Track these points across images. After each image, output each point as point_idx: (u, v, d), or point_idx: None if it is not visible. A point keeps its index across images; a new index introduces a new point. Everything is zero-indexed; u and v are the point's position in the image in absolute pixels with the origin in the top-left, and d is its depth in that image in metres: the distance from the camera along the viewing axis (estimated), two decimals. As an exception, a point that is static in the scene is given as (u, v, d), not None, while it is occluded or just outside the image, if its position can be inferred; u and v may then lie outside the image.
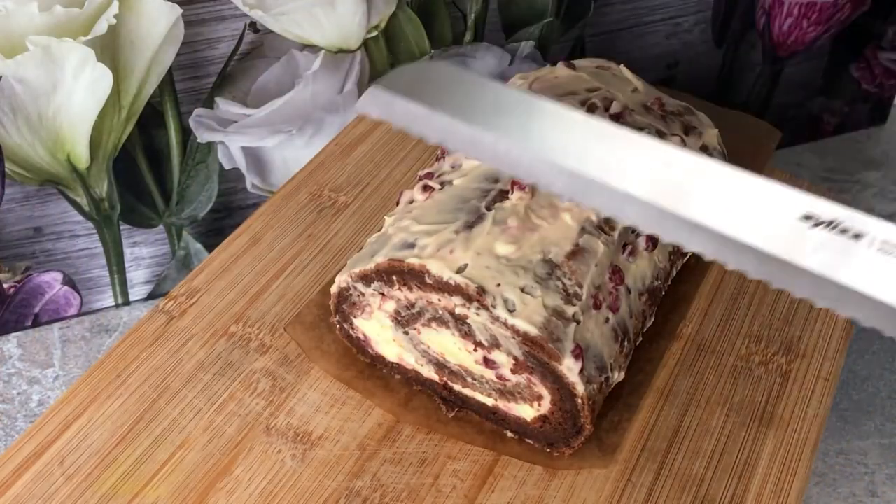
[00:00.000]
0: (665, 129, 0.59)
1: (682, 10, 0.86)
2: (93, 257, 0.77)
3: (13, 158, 0.70)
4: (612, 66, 0.65)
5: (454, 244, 0.51)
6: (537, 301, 0.50)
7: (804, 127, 0.98)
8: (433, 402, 0.56)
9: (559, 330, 0.49)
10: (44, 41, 0.65)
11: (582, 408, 0.50)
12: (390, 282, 0.53)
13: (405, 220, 0.54)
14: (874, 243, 0.36)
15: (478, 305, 0.50)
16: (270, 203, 0.68)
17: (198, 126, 0.75)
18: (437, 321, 0.52)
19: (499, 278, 0.50)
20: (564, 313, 0.50)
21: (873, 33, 0.94)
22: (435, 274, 0.51)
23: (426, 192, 0.56)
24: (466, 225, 0.52)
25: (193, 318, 0.60)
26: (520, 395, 0.52)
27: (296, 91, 0.76)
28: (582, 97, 0.60)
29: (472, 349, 0.52)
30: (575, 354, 0.49)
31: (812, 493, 0.67)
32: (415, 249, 0.52)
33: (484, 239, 0.51)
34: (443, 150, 0.60)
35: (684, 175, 0.41)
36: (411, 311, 0.53)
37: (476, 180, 0.55)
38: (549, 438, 0.53)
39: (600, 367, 0.51)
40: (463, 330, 0.52)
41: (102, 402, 0.55)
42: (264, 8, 0.71)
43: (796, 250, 0.37)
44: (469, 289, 0.50)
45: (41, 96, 0.68)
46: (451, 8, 0.78)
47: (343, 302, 0.56)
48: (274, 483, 0.51)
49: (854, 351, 0.77)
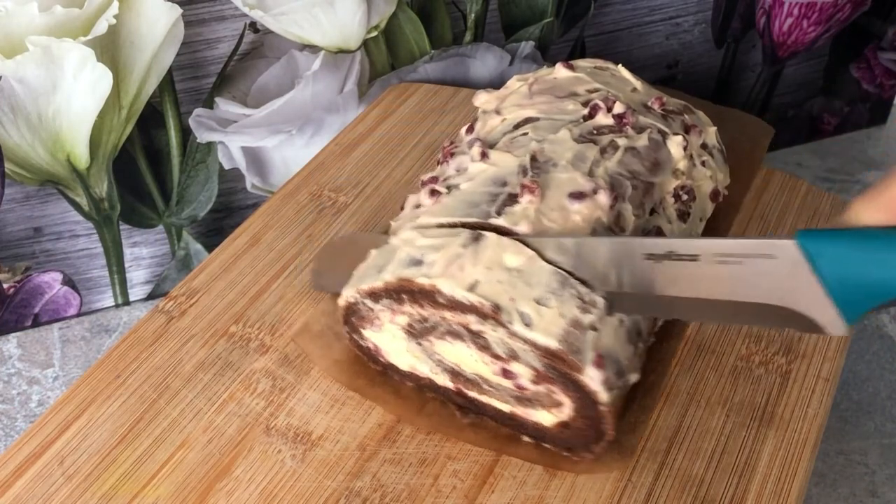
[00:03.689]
0: (667, 129, 0.59)
1: (682, 10, 0.86)
2: (93, 257, 0.77)
3: (13, 158, 0.70)
4: (611, 66, 0.64)
5: (463, 259, 0.50)
6: (553, 312, 0.48)
7: (804, 127, 0.98)
8: (447, 408, 0.55)
9: (578, 340, 0.48)
10: (44, 41, 0.65)
11: (605, 415, 0.49)
12: (400, 300, 0.51)
13: (409, 232, 0.53)
14: (709, 259, 0.46)
15: (494, 322, 0.49)
16: (270, 203, 0.68)
17: (198, 126, 0.75)
18: (452, 334, 0.51)
19: (512, 292, 0.49)
20: (582, 322, 0.48)
21: (873, 33, 0.94)
22: (446, 293, 0.49)
23: (433, 196, 0.55)
24: (473, 238, 0.51)
25: (193, 318, 0.60)
26: (538, 402, 0.51)
27: (296, 91, 0.76)
28: (583, 98, 0.60)
29: (489, 361, 0.51)
30: (596, 364, 0.48)
31: (812, 493, 0.67)
32: (423, 267, 0.50)
33: (493, 251, 0.50)
34: (445, 153, 0.59)
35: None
36: (424, 324, 0.52)
37: (484, 184, 0.54)
38: (569, 443, 0.52)
39: (619, 372, 0.50)
40: (479, 343, 0.51)
41: (102, 403, 0.55)
42: (264, 8, 0.71)
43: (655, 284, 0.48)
44: (483, 307, 0.48)
45: (41, 96, 0.68)
46: (451, 8, 0.78)
47: (352, 315, 0.54)
48: (274, 483, 0.51)
49: (854, 351, 0.77)
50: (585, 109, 0.59)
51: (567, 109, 0.59)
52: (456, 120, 0.75)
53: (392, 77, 0.80)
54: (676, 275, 0.47)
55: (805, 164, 0.96)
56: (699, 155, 0.60)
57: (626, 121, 0.58)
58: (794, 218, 0.67)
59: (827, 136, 1.00)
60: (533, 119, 0.59)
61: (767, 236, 0.45)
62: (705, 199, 0.60)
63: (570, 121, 0.58)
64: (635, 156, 0.56)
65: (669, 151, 0.58)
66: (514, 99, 0.61)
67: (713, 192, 0.61)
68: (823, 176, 0.95)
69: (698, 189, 0.59)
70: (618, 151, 0.56)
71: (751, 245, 0.45)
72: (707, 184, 0.60)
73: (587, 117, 0.58)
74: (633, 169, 0.56)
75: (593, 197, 0.53)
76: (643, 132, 0.58)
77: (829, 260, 0.42)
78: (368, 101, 0.79)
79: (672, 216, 0.57)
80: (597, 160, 0.55)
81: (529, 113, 0.59)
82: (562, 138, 0.56)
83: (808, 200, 0.69)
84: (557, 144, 0.56)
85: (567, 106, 0.59)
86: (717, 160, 0.62)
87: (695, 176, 0.59)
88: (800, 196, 0.69)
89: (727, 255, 0.45)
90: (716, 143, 0.62)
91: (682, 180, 0.58)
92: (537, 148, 0.55)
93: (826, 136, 1.00)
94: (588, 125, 0.57)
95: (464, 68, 0.81)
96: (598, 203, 0.53)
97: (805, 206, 0.69)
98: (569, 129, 0.57)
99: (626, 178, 0.55)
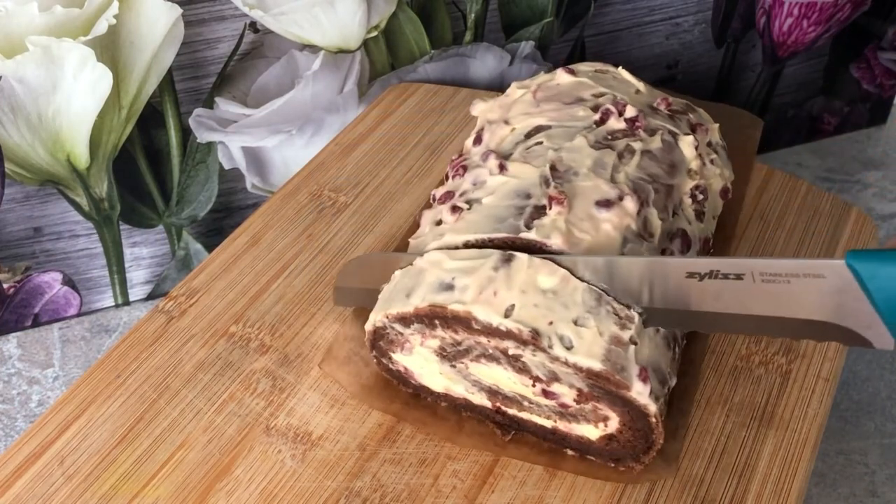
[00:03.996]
0: (676, 130, 0.58)
1: (682, 10, 0.85)
2: (93, 257, 0.77)
3: (13, 158, 0.70)
4: (611, 69, 0.64)
5: (496, 283, 0.49)
6: (593, 332, 0.48)
7: (804, 127, 0.98)
8: (487, 426, 0.54)
9: (622, 358, 0.47)
10: (44, 41, 0.65)
11: (655, 425, 0.49)
12: (432, 325, 0.50)
13: (436, 254, 0.51)
14: (755, 277, 0.47)
15: (533, 347, 0.48)
16: (270, 203, 0.68)
17: (198, 126, 0.75)
18: (488, 357, 0.50)
19: (549, 315, 0.48)
20: (622, 339, 0.48)
21: (873, 33, 0.94)
22: (482, 321, 0.48)
23: (455, 212, 0.53)
24: (504, 259, 0.50)
25: (193, 318, 0.60)
26: (583, 418, 0.51)
27: (296, 91, 0.76)
28: (591, 103, 0.59)
29: (529, 384, 0.50)
30: (642, 378, 0.47)
31: (812, 493, 0.67)
32: (455, 292, 0.49)
33: (526, 273, 0.49)
34: (455, 167, 0.58)
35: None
36: (458, 348, 0.51)
37: (507, 197, 0.53)
38: (616, 455, 0.52)
39: (662, 381, 0.49)
40: (517, 366, 0.50)
41: (102, 403, 0.55)
42: (264, 8, 0.71)
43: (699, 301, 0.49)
44: (522, 334, 0.48)
45: (41, 96, 0.68)
46: (451, 8, 0.78)
47: (379, 339, 0.53)
48: (274, 483, 0.51)
49: (854, 351, 0.77)
50: (596, 115, 0.58)
51: (577, 116, 0.58)
52: (456, 120, 0.75)
53: (392, 77, 0.80)
54: (720, 291, 0.48)
55: (805, 164, 0.96)
56: (707, 154, 0.60)
57: (638, 124, 0.57)
58: (795, 218, 0.67)
59: (827, 136, 1.00)
60: (545, 127, 0.58)
61: (815, 257, 0.48)
62: (716, 197, 0.60)
63: (583, 127, 0.57)
64: (652, 159, 0.56)
65: (682, 152, 0.58)
66: (521, 107, 0.60)
67: (723, 189, 0.60)
68: (823, 176, 0.95)
69: (710, 188, 0.59)
70: (635, 155, 0.55)
71: (799, 265, 0.46)
72: (717, 181, 0.60)
73: (599, 122, 0.57)
74: (652, 172, 0.55)
75: (620, 204, 0.52)
76: (655, 134, 0.57)
77: (880, 280, 0.44)
78: (368, 101, 0.79)
79: (691, 217, 0.57)
80: (616, 166, 0.54)
81: (540, 121, 0.58)
82: (578, 145, 0.55)
83: (808, 200, 0.69)
84: (575, 152, 0.55)
85: (577, 112, 0.58)
86: (722, 157, 0.61)
87: (706, 174, 0.59)
88: (800, 196, 0.69)
89: (774, 275, 0.46)
90: (719, 139, 0.62)
91: (697, 180, 0.58)
92: (555, 157, 0.54)
93: (826, 136, 1.00)
94: (601, 130, 0.57)
95: (464, 68, 0.81)
96: (626, 209, 0.52)
97: (805, 206, 0.69)
98: (584, 136, 0.56)
99: (647, 182, 0.54)
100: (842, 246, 0.66)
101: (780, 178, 0.71)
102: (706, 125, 0.61)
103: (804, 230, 0.67)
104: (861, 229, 0.67)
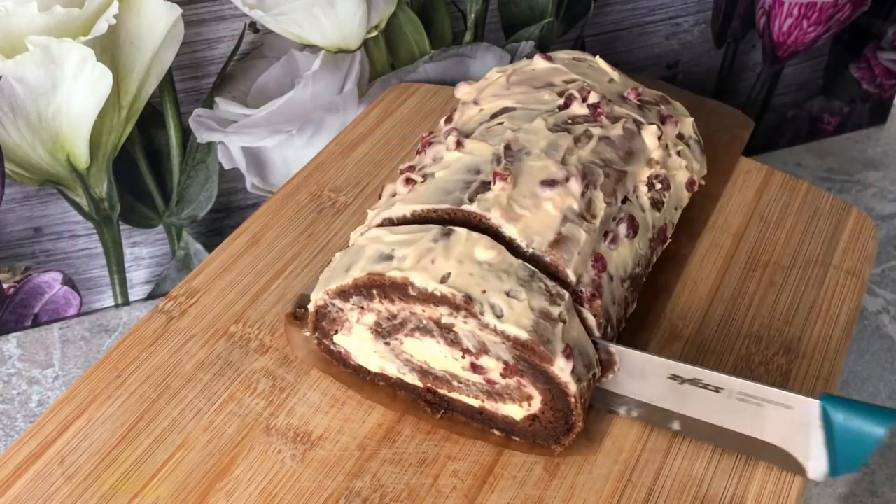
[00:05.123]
0: (642, 119, 0.60)
1: (682, 10, 0.86)
2: (93, 257, 0.77)
3: (13, 158, 0.70)
4: (588, 58, 0.66)
5: (434, 253, 0.51)
6: (524, 304, 0.49)
7: (804, 127, 0.98)
8: (417, 405, 0.55)
9: (548, 332, 0.49)
10: (44, 41, 0.65)
11: (575, 406, 0.51)
12: (370, 296, 0.52)
13: (376, 230, 0.53)
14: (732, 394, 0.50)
15: (465, 314, 0.50)
16: (270, 203, 0.68)
17: (198, 126, 0.75)
18: (421, 330, 0.52)
19: (483, 284, 0.50)
20: (551, 314, 0.50)
21: (873, 33, 0.94)
22: (419, 286, 0.50)
23: (409, 184, 0.56)
24: (443, 233, 0.52)
25: (193, 318, 0.60)
26: (508, 396, 0.52)
27: (296, 91, 0.76)
28: (560, 88, 0.61)
29: (459, 356, 0.52)
30: (566, 354, 0.49)
31: (812, 493, 0.67)
32: (393, 262, 0.51)
33: (464, 245, 0.51)
34: (423, 143, 0.60)
35: None
36: (393, 322, 0.53)
37: (458, 172, 0.55)
38: (539, 436, 0.53)
39: (588, 364, 0.51)
40: (449, 338, 0.51)
41: (102, 402, 0.55)
42: (264, 8, 0.71)
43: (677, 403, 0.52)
44: (456, 298, 0.49)
45: (41, 96, 0.68)
46: (451, 8, 0.78)
47: (321, 319, 0.55)
48: (274, 483, 0.51)
49: (854, 351, 0.77)
50: (561, 99, 0.60)
51: (543, 99, 0.60)
52: (456, 120, 0.75)
53: (392, 77, 0.80)
54: (694, 397, 0.51)
55: (805, 164, 0.96)
56: (675, 145, 0.61)
57: (600, 110, 0.59)
58: (795, 218, 0.68)
59: (827, 136, 1.00)
60: (510, 109, 0.60)
61: (792, 390, 0.51)
62: (681, 189, 0.62)
63: (545, 110, 0.59)
64: (609, 144, 0.58)
65: (644, 140, 0.59)
66: (493, 90, 0.63)
67: (689, 181, 0.62)
68: (823, 176, 0.95)
69: (673, 178, 0.61)
70: (591, 140, 0.57)
71: (775, 394, 0.49)
72: (682, 173, 0.61)
73: (562, 107, 0.59)
74: (606, 157, 0.57)
75: (565, 184, 0.54)
76: (618, 122, 0.59)
77: (846, 429, 0.48)
78: (368, 101, 0.79)
79: (645, 205, 0.59)
80: (570, 148, 0.56)
81: (506, 103, 0.61)
82: (536, 127, 0.57)
83: (808, 200, 0.69)
84: (532, 133, 0.57)
85: (543, 96, 0.60)
86: (694, 150, 0.63)
87: (669, 165, 0.61)
88: (800, 196, 0.69)
89: (750, 396, 0.50)
90: (692, 133, 0.64)
91: (657, 169, 0.59)
92: (512, 137, 0.57)
93: (826, 136, 1.00)
94: (563, 115, 0.59)
95: (464, 68, 0.81)
96: (570, 190, 0.54)
97: (805, 206, 0.69)
98: (543, 119, 0.58)
99: (598, 166, 0.56)
100: (842, 246, 0.66)
101: (780, 178, 0.71)
102: (677, 118, 0.62)
103: (804, 230, 0.67)
104: (861, 229, 0.67)
